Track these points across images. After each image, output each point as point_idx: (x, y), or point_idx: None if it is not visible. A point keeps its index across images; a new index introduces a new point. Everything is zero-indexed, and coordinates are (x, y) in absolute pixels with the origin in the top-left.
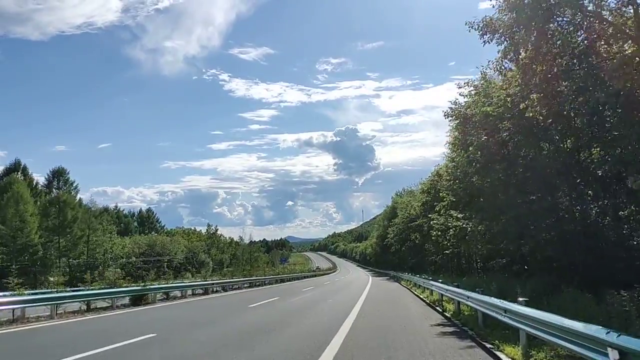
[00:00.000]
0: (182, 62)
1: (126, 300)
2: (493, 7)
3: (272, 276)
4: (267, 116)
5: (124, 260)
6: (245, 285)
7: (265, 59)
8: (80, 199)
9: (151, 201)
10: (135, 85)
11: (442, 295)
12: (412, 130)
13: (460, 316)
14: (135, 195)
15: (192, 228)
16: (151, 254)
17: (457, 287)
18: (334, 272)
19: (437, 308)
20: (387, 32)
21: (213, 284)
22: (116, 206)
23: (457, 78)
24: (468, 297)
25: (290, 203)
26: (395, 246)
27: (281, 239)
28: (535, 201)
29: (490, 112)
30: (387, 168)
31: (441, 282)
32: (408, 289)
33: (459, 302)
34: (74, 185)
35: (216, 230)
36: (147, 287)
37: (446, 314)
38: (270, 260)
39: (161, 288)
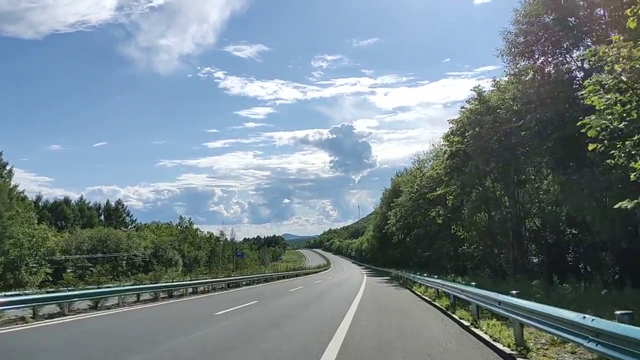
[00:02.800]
0: (176, 60)
1: None
2: None
3: (211, 280)
4: (262, 114)
5: (48, 257)
6: (151, 295)
7: (260, 57)
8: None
9: (147, 200)
10: (130, 84)
11: None
12: (408, 127)
13: None
14: (132, 194)
15: (169, 222)
16: (102, 251)
17: None
18: (323, 270)
19: None
20: (382, 28)
21: (45, 300)
22: (81, 197)
23: (452, 74)
24: None
25: (286, 201)
26: (398, 235)
27: (274, 235)
28: None
29: None
30: (383, 165)
31: None
32: (443, 310)
33: None
34: (7, 169)
35: (190, 223)
36: None
37: None
38: (260, 258)
39: None
